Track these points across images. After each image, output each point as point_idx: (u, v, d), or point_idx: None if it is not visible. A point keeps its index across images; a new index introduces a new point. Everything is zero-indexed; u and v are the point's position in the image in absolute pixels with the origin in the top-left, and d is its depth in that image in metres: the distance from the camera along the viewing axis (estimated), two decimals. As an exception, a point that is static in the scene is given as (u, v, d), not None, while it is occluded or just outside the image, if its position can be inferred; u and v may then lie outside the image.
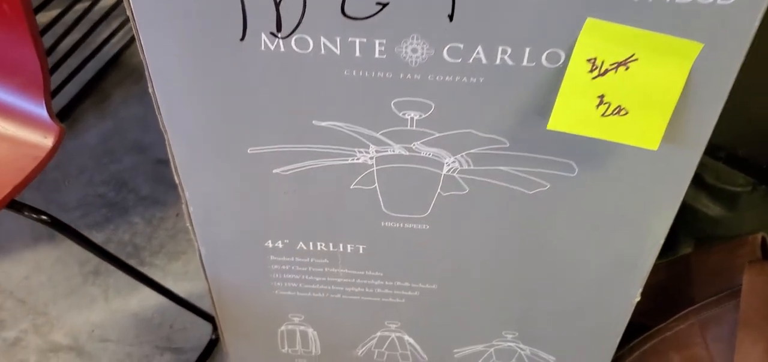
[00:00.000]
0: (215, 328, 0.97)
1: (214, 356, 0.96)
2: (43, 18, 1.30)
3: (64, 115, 1.26)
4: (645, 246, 0.57)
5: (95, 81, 1.33)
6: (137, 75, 1.34)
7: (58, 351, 0.97)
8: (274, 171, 0.54)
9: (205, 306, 0.98)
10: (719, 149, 0.90)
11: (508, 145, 0.50)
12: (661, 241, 0.57)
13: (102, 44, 1.35)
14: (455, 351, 0.71)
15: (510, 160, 0.51)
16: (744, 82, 0.89)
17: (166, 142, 0.53)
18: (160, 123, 0.52)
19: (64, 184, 1.17)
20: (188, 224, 0.61)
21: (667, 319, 0.71)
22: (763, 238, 0.70)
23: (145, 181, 1.17)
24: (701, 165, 0.96)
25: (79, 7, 1.34)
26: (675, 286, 0.75)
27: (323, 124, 0.50)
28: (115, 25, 1.39)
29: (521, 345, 0.69)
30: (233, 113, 0.50)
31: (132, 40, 1.39)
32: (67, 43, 1.29)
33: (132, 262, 1.07)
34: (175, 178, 0.56)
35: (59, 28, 1.28)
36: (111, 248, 1.09)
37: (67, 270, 1.06)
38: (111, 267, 1.04)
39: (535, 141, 0.50)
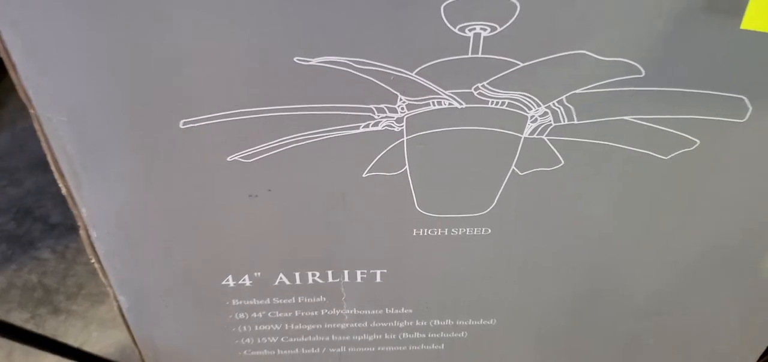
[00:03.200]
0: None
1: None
2: None
3: (-54, 130, 0.99)
4: (827, 228, 0.36)
5: (-15, 85, 1.06)
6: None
7: None
8: (230, 158, 0.31)
9: (143, 362, 0.73)
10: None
11: (643, 74, 0.29)
12: None
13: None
14: (511, 405, 0.49)
15: (643, 101, 0.30)
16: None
17: (36, 123, 0.30)
18: (19, 89, 0.29)
19: (-53, 218, 0.90)
20: (93, 261, 0.37)
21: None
22: None
23: (55, 204, 0.91)
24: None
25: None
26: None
27: (314, 61, 0.28)
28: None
29: (609, 390, 0.47)
30: (150, 55, 0.27)
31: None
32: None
33: (43, 311, 0.81)
34: (60, 185, 0.33)
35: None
36: (14, 295, 0.83)
37: (-46, 331, 0.80)
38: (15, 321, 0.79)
39: (691, 64, 0.28)
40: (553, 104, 0.30)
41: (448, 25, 0.27)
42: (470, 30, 0.27)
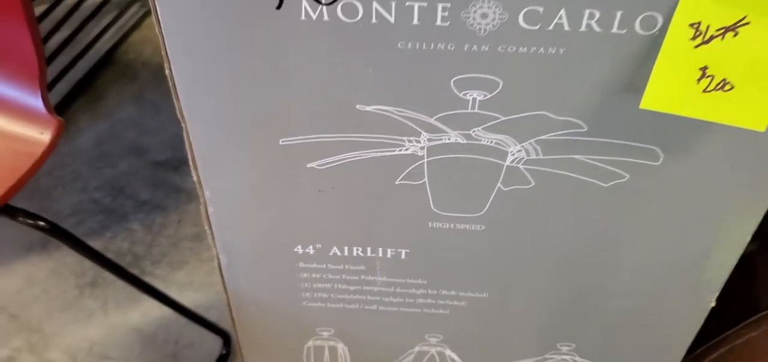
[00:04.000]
0: (225, 343, 0.89)
1: (225, 373, 0.89)
2: (32, 14, 1.22)
3: (55, 117, 1.18)
4: (730, 246, 0.50)
5: (87, 80, 1.24)
6: (132, 73, 1.26)
7: (53, 371, 0.89)
8: (309, 165, 0.47)
9: (213, 318, 0.90)
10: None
11: (585, 129, 0.43)
12: (748, 239, 0.50)
13: (93, 41, 1.27)
14: (501, 365, 0.64)
15: (587, 146, 0.44)
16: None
17: (184, 132, 0.46)
18: (177, 108, 0.45)
19: (57, 191, 1.08)
20: (207, 228, 0.53)
21: (732, 324, 0.64)
22: (840, 234, 0.64)
23: (144, 185, 1.09)
24: None
25: (70, 2, 1.26)
26: (745, 288, 0.68)
27: (368, 108, 0.43)
28: (107, 20, 1.30)
29: (578, 358, 0.62)
30: (264, 96, 0.43)
31: (125, 36, 1.31)
32: (57, 40, 1.21)
33: (132, 272, 0.98)
34: (193, 174, 0.49)
35: (49, 24, 1.20)
36: (109, 258, 1.01)
37: (62, 283, 0.98)
38: (109, 279, 0.97)
39: (617, 124, 0.43)
40: (526, 144, 0.45)
41: (456, 92, 0.42)
42: (470, 95, 0.42)
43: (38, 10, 1.22)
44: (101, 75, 1.25)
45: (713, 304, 0.55)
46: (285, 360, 0.65)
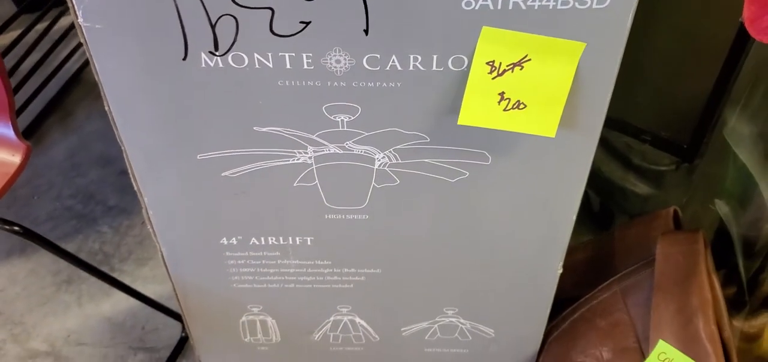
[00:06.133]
0: (185, 327, 1.02)
1: (185, 353, 1.02)
2: (4, 40, 1.34)
3: (29, 133, 1.30)
4: (560, 223, 0.64)
5: (58, 98, 1.37)
6: (98, 91, 1.38)
7: (36, 357, 1.02)
8: (223, 174, 0.60)
9: (174, 306, 1.03)
10: (645, 132, 0.97)
11: (428, 139, 0.57)
12: (573, 218, 0.64)
13: (63, 62, 1.39)
14: (403, 329, 0.77)
15: (432, 152, 0.58)
16: (666, 71, 0.96)
17: (124, 153, 0.59)
18: (117, 136, 0.58)
19: (33, 200, 1.21)
20: (149, 227, 0.66)
21: (594, 290, 0.79)
22: (675, 211, 0.78)
23: (111, 192, 1.21)
24: (629, 147, 1.04)
25: (40, 27, 1.38)
26: (601, 260, 0.82)
27: (263, 129, 0.56)
28: (74, 43, 1.43)
29: (462, 320, 0.76)
30: (182, 124, 0.56)
31: (94, 56, 1.43)
32: (29, 63, 1.32)
33: (102, 269, 1.11)
34: (134, 185, 0.62)
35: (20, 49, 1.32)
36: (82, 257, 1.13)
37: (40, 281, 1.10)
38: (83, 275, 1.10)
39: (451, 135, 0.56)
40: (387, 152, 0.58)
41: (328, 115, 0.55)
42: (339, 118, 0.55)
43: (10, 37, 1.33)
44: (71, 93, 1.38)
45: (560, 271, 0.69)
46: (225, 334, 0.79)
